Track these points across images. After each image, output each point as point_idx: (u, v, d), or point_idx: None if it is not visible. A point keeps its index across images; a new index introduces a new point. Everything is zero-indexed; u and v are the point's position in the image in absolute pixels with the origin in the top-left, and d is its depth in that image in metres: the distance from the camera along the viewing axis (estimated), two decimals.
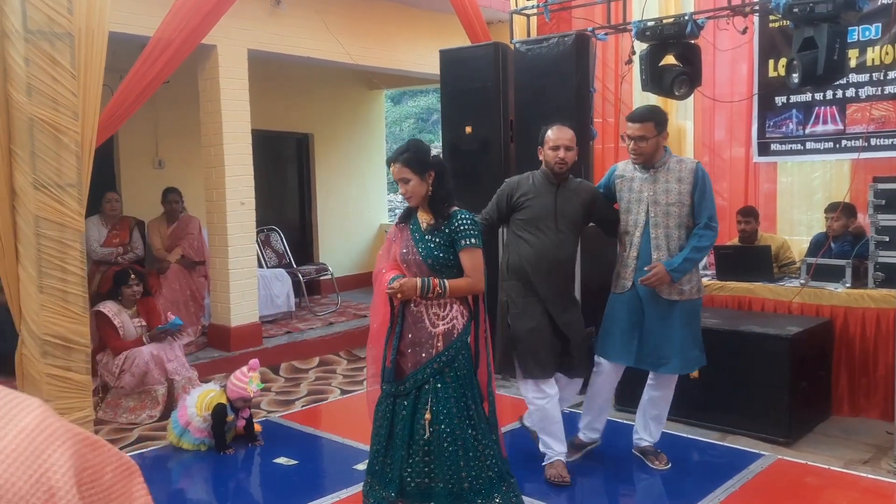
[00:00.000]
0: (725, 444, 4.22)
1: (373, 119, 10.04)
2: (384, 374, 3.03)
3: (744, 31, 4.90)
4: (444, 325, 2.96)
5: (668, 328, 3.63)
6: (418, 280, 2.93)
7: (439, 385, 2.92)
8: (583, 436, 3.99)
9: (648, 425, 3.91)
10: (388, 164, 3.03)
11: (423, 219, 3.04)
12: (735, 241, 5.87)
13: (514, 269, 3.72)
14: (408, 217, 3.11)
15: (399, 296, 2.94)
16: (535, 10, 5.99)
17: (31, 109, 3.78)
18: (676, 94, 4.97)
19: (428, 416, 2.87)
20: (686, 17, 4.77)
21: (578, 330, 3.75)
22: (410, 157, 2.97)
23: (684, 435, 4.30)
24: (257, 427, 4.46)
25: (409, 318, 3.00)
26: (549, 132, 3.72)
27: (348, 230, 9.59)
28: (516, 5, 6.21)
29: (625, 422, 4.33)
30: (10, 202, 3.87)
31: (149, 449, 4.37)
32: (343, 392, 5.55)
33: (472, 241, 2.97)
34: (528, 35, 6.09)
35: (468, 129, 5.88)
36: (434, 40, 7.33)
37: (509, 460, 3.12)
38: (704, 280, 5.39)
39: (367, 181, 9.82)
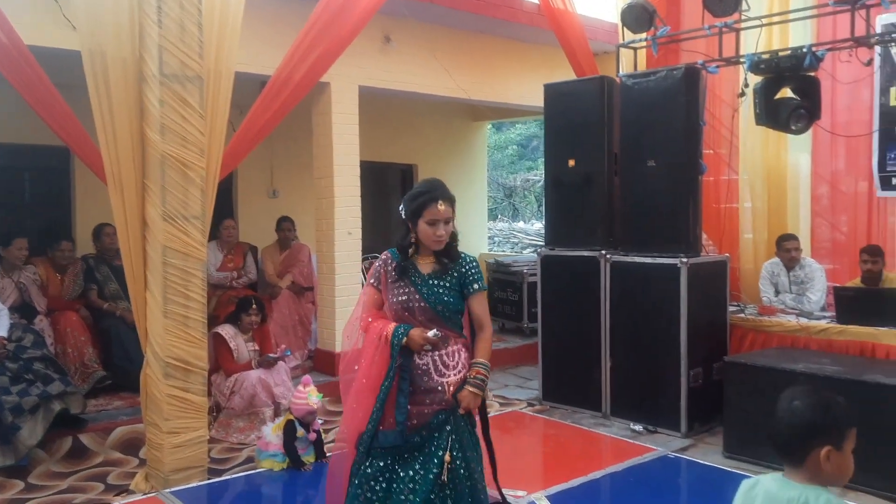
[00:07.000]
0: (847, 501, 3.94)
1: (475, 150, 10.16)
2: (382, 437, 2.69)
3: (868, 63, 4.66)
4: (454, 374, 2.76)
5: None
6: (476, 382, 2.71)
7: (449, 427, 2.68)
8: None
9: None
10: (433, 201, 2.75)
11: (423, 262, 2.84)
12: (857, 281, 5.53)
13: None
14: (400, 265, 2.85)
15: (421, 347, 2.71)
16: (643, 44, 5.93)
17: (163, 147, 4.07)
18: (793, 128, 4.78)
19: (447, 457, 2.64)
20: (804, 50, 4.60)
21: None
22: (453, 197, 2.81)
23: None
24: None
25: (416, 371, 2.74)
26: None
27: None
28: (623, 38, 6.16)
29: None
30: (141, 232, 4.17)
31: (257, 470, 4.54)
32: None
33: (482, 284, 2.84)
34: (635, 68, 6.03)
35: (571, 163, 5.87)
36: (539, 72, 7.39)
37: None
38: (823, 322, 5.11)
39: (468, 210, 9.92)
